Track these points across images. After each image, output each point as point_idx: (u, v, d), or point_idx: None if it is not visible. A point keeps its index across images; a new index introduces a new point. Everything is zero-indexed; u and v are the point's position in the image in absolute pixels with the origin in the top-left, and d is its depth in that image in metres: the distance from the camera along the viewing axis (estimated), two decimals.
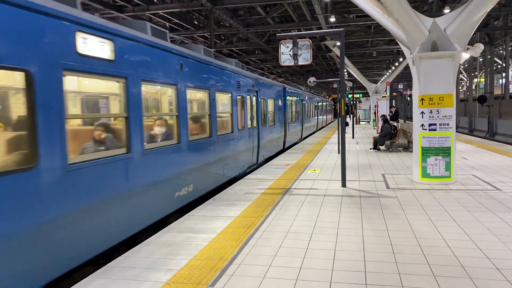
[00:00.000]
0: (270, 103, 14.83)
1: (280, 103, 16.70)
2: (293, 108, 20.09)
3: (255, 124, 12.33)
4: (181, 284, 3.94)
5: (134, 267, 4.39)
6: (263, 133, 13.45)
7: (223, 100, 9.61)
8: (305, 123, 24.39)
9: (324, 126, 38.48)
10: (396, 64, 33.52)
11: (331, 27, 19.60)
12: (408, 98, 34.02)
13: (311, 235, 5.35)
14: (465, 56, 9.14)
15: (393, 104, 25.96)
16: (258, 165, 12.63)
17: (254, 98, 12.31)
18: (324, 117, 40.21)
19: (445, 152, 8.47)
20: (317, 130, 31.68)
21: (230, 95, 9.91)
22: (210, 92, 8.44)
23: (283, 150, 17.17)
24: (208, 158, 8.30)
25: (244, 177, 9.96)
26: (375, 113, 27.63)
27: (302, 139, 22.65)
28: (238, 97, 10.56)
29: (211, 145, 8.49)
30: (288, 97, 18.45)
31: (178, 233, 5.57)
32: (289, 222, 5.99)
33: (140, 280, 4.06)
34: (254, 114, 12.30)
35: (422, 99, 8.55)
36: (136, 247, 5.05)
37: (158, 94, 6.98)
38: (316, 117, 31.33)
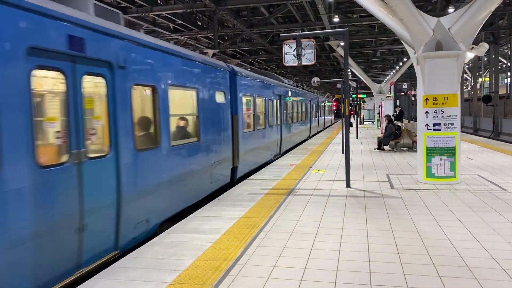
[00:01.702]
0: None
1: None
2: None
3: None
4: (185, 284, 3.95)
5: (139, 268, 4.40)
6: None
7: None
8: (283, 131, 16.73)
9: (316, 133, 29.84)
10: (400, 64, 33.41)
11: (335, 27, 19.56)
12: (413, 98, 33.90)
13: (315, 236, 5.34)
14: (470, 55, 9.10)
15: (397, 104, 25.87)
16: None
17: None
18: (317, 122, 31.10)
19: (450, 152, 8.43)
20: (309, 137, 25.54)
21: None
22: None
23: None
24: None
25: (248, 178, 9.97)
26: (379, 113, 27.57)
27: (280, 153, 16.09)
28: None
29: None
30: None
31: (182, 233, 5.58)
32: (294, 222, 5.99)
33: (144, 280, 4.07)
34: None
35: (426, 99, 8.52)
36: (140, 247, 5.07)
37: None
38: (305, 122, 23.95)
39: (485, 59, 40.42)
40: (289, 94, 18.28)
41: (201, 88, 7.96)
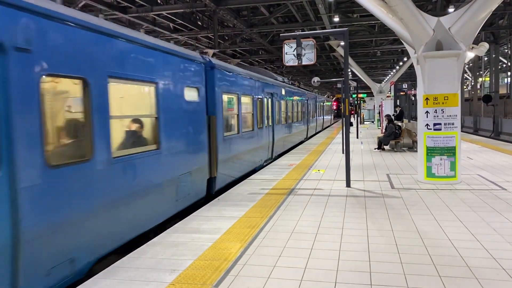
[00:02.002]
0: None
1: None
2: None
3: None
4: (185, 284, 3.95)
5: (139, 268, 4.40)
6: None
7: None
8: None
9: (314, 134, 27.68)
10: (400, 63, 33.40)
11: (335, 27, 19.56)
12: (413, 98, 33.88)
13: (315, 235, 5.34)
14: (470, 55, 9.10)
15: (398, 104, 25.84)
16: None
17: None
18: (315, 122, 28.85)
19: (450, 151, 8.43)
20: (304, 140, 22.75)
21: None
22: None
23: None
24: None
25: (248, 178, 9.96)
26: (379, 113, 27.56)
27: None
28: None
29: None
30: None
31: (183, 233, 5.57)
32: (294, 222, 5.99)
33: (145, 280, 4.07)
34: None
35: (426, 98, 8.52)
36: (141, 247, 5.06)
37: None
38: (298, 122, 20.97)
39: (486, 58, 40.42)
40: (283, 92, 16.70)
41: (163, 83, 6.33)
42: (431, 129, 8.51)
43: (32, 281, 3.78)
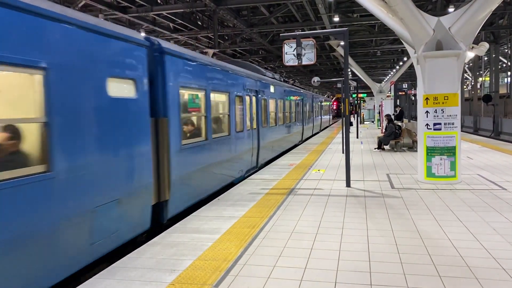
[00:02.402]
0: None
1: None
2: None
3: None
4: (185, 284, 3.95)
5: (139, 268, 4.40)
6: None
7: None
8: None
9: (311, 136, 25.43)
10: (401, 63, 33.39)
11: (335, 27, 19.56)
12: (413, 98, 33.87)
13: (315, 235, 5.33)
14: (470, 55, 9.09)
15: (398, 104, 25.83)
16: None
17: None
18: (311, 123, 25.89)
19: (450, 151, 8.43)
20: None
21: None
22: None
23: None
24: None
25: (248, 177, 9.96)
26: (379, 112, 27.56)
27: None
28: None
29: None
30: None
31: (182, 233, 5.57)
32: (294, 222, 5.98)
33: (145, 280, 4.07)
34: None
35: (426, 98, 8.51)
36: (141, 247, 5.06)
37: None
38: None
39: (486, 58, 40.42)
40: (272, 90, 14.55)
41: (60, 70, 4.23)
42: (431, 129, 8.50)
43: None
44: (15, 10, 3.73)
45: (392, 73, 40.19)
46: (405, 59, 30.52)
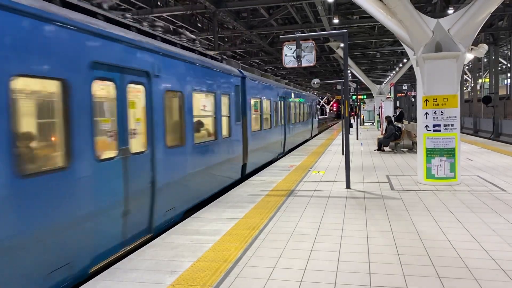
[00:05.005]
0: None
1: None
2: None
3: None
4: (185, 286, 3.95)
5: (139, 269, 4.40)
6: None
7: None
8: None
9: (296, 147, 19.61)
10: (400, 65, 33.44)
11: (335, 29, 19.61)
12: (413, 99, 33.89)
13: (315, 237, 5.34)
14: (469, 56, 9.13)
15: (398, 105, 25.83)
16: None
17: None
18: (298, 128, 20.84)
19: (450, 153, 8.44)
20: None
21: None
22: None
23: None
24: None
25: (248, 179, 9.97)
26: (379, 114, 27.57)
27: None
28: None
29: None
30: None
31: (182, 235, 5.58)
32: (294, 223, 5.99)
33: (145, 282, 4.08)
34: None
35: (426, 100, 8.53)
36: (141, 248, 5.07)
37: None
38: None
39: (485, 60, 40.44)
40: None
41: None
42: (430, 130, 8.52)
43: None
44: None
45: (392, 74, 40.25)
46: (404, 60, 30.57)
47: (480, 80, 41.92)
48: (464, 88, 44.48)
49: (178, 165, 6.90)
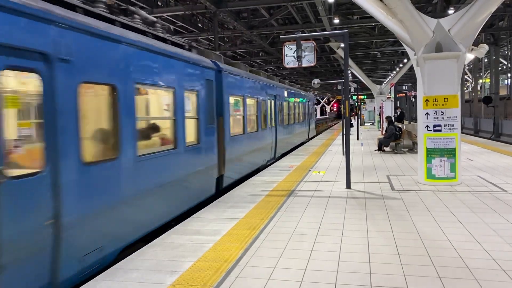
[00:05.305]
0: None
1: None
2: None
3: None
4: (186, 286, 3.96)
5: (139, 269, 4.41)
6: None
7: None
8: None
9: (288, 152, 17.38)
10: (401, 65, 33.43)
11: (335, 29, 19.61)
12: (413, 99, 33.89)
13: (316, 237, 5.34)
14: (470, 56, 9.12)
15: (398, 105, 25.83)
16: None
17: None
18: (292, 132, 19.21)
19: (450, 153, 8.44)
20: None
21: None
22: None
23: None
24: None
25: (249, 179, 9.97)
26: (379, 114, 27.57)
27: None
28: None
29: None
30: None
31: (183, 235, 5.58)
32: (294, 224, 5.99)
33: (145, 282, 4.08)
34: None
35: (426, 100, 8.53)
36: (141, 249, 5.07)
37: None
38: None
39: (486, 60, 40.44)
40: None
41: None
42: (431, 130, 8.52)
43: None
44: None
45: (392, 75, 40.22)
46: (405, 61, 30.56)
47: (480, 80, 41.90)
48: (465, 88, 44.44)
49: (106, 187, 4.98)
